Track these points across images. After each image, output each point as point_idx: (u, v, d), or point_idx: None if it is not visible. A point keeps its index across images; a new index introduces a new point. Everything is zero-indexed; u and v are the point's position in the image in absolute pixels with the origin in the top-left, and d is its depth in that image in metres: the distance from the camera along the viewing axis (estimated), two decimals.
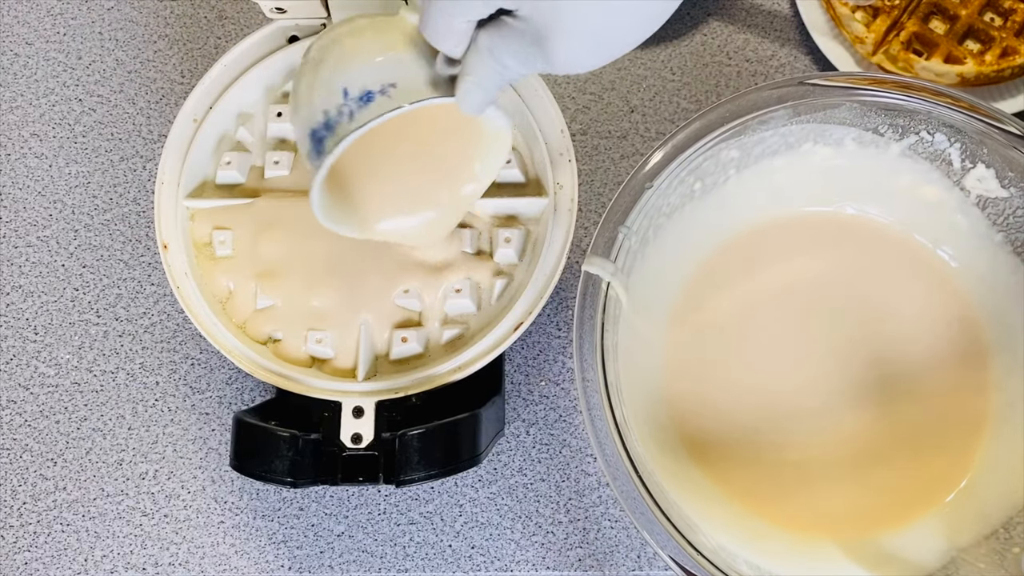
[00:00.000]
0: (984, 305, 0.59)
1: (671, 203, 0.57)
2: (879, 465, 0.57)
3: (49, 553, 0.63)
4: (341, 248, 0.58)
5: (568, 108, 0.69)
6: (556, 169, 0.58)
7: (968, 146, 0.56)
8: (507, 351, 0.57)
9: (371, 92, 0.46)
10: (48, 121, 0.71)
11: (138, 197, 0.69)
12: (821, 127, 0.57)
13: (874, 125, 0.57)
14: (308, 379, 0.56)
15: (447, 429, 0.54)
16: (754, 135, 0.56)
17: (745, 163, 0.58)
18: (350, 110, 0.46)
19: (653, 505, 0.50)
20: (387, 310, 0.57)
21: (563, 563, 0.62)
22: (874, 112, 0.56)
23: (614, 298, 0.54)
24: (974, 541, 0.54)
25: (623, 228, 0.54)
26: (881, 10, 0.66)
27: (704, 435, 0.58)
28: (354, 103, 0.46)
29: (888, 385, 0.58)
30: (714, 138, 0.55)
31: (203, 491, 0.64)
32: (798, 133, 0.57)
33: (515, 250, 0.57)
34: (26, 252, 0.68)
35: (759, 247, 0.61)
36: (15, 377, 0.66)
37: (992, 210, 0.57)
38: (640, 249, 0.56)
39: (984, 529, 0.54)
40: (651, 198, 0.54)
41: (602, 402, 0.51)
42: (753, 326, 0.60)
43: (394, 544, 0.62)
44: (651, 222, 0.56)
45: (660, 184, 0.54)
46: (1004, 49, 0.65)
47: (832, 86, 0.55)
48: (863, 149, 0.58)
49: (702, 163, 0.56)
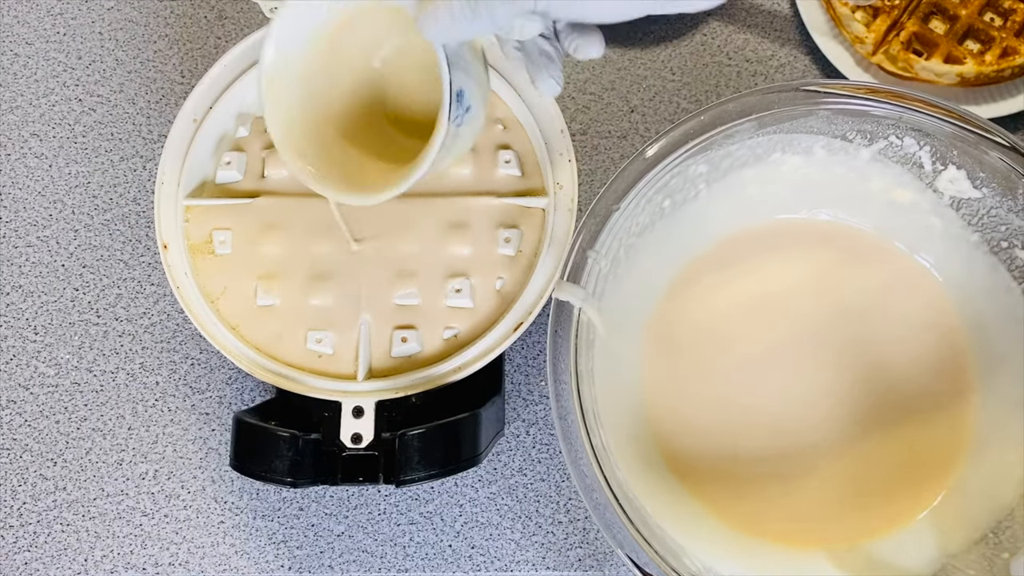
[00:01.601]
0: (962, 308, 0.59)
1: (640, 222, 0.56)
2: (864, 473, 0.57)
3: (49, 553, 0.63)
4: (341, 248, 0.58)
5: (568, 108, 0.69)
6: (556, 169, 0.58)
7: (938, 148, 0.56)
8: (507, 351, 0.57)
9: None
10: (48, 121, 0.71)
11: (138, 197, 0.69)
12: (789, 137, 0.57)
13: (842, 132, 0.56)
14: (308, 379, 0.56)
15: (447, 429, 0.54)
16: (720, 149, 0.56)
17: (714, 177, 0.58)
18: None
19: (635, 532, 0.50)
20: (387, 310, 0.57)
21: (563, 563, 0.62)
22: (841, 119, 0.55)
23: (587, 323, 0.53)
24: (964, 547, 0.54)
25: (592, 252, 0.53)
26: (881, 10, 0.66)
27: (687, 452, 0.58)
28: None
29: (870, 392, 0.58)
30: (680, 155, 0.54)
31: (203, 491, 0.64)
32: (766, 144, 0.57)
33: (515, 250, 0.57)
34: (26, 252, 0.68)
35: (733, 259, 0.60)
36: (15, 377, 0.66)
37: (966, 211, 0.57)
38: (612, 271, 0.55)
39: (973, 534, 0.54)
40: (619, 220, 0.54)
41: (579, 429, 0.51)
42: (730, 339, 0.59)
43: (394, 544, 0.62)
44: (621, 243, 0.55)
45: (627, 205, 0.54)
46: (1004, 49, 0.65)
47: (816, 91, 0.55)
48: (833, 156, 0.58)
49: (669, 181, 0.55)
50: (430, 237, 0.58)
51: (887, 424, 0.57)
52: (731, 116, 0.54)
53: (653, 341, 0.59)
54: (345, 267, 0.58)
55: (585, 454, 0.50)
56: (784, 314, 0.60)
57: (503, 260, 0.58)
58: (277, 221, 0.58)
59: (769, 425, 0.58)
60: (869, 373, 0.58)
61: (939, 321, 0.59)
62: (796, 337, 0.59)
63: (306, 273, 0.58)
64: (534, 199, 0.58)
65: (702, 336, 0.59)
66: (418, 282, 0.57)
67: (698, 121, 0.54)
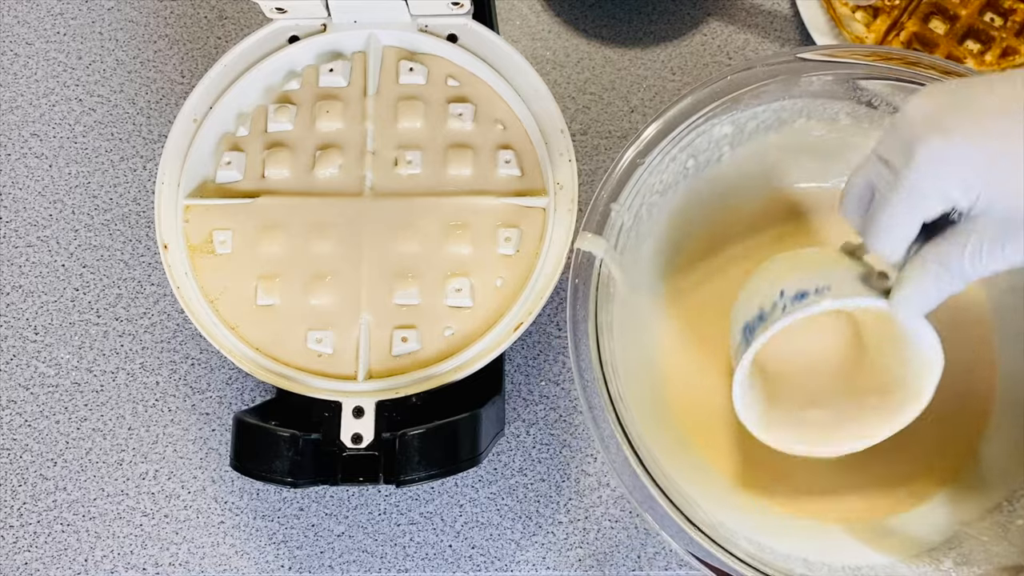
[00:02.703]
0: (987, 279, 0.58)
1: (664, 180, 0.56)
2: (882, 446, 0.56)
3: (49, 553, 0.63)
4: (341, 248, 0.58)
5: (568, 108, 0.69)
6: (556, 169, 0.58)
7: None
8: (507, 351, 0.57)
9: (806, 292, 0.48)
10: (48, 121, 0.71)
11: (138, 197, 0.69)
12: (814, 102, 0.56)
13: (867, 98, 0.56)
14: (308, 379, 0.56)
15: (447, 429, 0.54)
16: (747, 110, 0.55)
17: (739, 139, 0.57)
18: (783, 305, 0.49)
19: (649, 481, 0.49)
20: (387, 310, 0.57)
21: (563, 563, 0.62)
22: (866, 84, 0.55)
23: (607, 276, 0.53)
24: (978, 515, 0.54)
25: (615, 205, 0.53)
26: (881, 10, 0.66)
27: (703, 413, 0.58)
28: (788, 300, 0.49)
29: None
30: (706, 113, 0.54)
31: (203, 491, 0.64)
32: (791, 108, 0.57)
33: (515, 250, 0.57)
34: (26, 252, 0.68)
35: (754, 225, 0.60)
36: (15, 377, 0.66)
37: None
38: (634, 227, 0.55)
39: (987, 503, 0.54)
40: (643, 175, 0.54)
41: (596, 377, 0.51)
42: None
43: (394, 544, 0.62)
44: (644, 200, 0.55)
45: (652, 161, 0.53)
46: (1004, 49, 0.65)
47: (826, 61, 0.54)
48: (857, 124, 0.58)
49: (694, 140, 0.55)
50: (430, 237, 0.58)
51: None
52: (758, 78, 0.54)
53: (673, 301, 0.59)
54: (345, 267, 0.58)
55: (603, 404, 0.50)
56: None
57: (503, 260, 0.58)
58: (277, 221, 0.58)
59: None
60: None
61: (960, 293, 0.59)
62: None
63: (306, 273, 0.58)
64: (534, 199, 0.58)
65: (718, 302, 0.59)
66: (418, 282, 0.57)
67: (726, 80, 0.54)
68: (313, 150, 0.59)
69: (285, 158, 0.59)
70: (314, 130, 0.60)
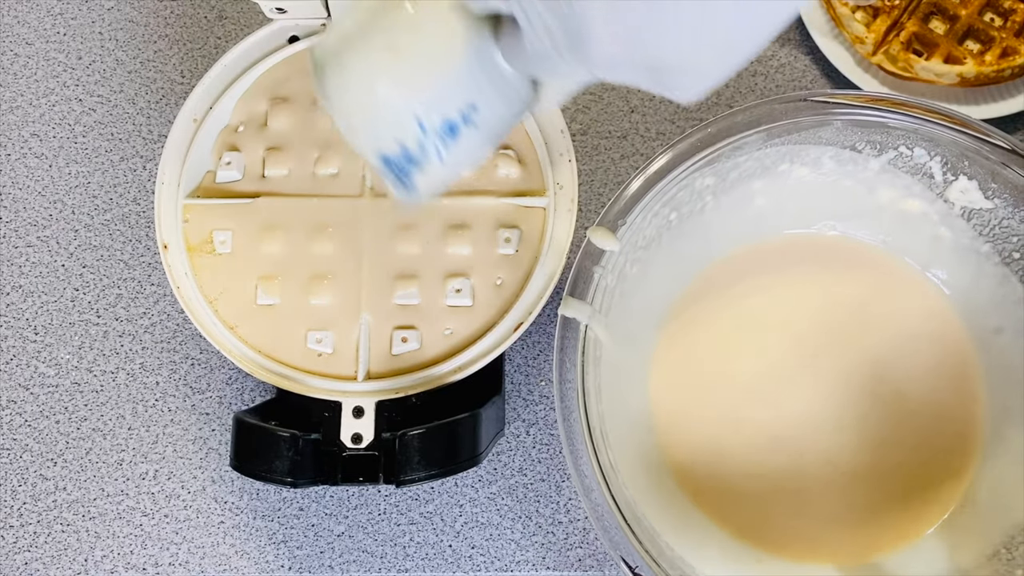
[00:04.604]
0: (970, 320, 0.58)
1: (647, 235, 0.56)
2: (874, 488, 0.57)
3: (49, 553, 0.63)
4: (341, 248, 0.58)
5: (568, 108, 0.69)
6: (556, 169, 0.58)
7: (949, 159, 0.55)
8: (507, 351, 0.57)
9: (453, 123, 0.40)
10: (48, 121, 0.71)
11: (138, 197, 0.69)
12: (797, 148, 0.56)
13: (851, 142, 0.56)
14: (308, 379, 0.56)
15: (447, 429, 0.54)
16: (728, 161, 0.55)
17: (722, 189, 0.57)
18: (436, 148, 0.41)
19: (643, 552, 0.49)
20: (387, 310, 0.57)
21: (563, 563, 0.62)
22: (851, 129, 0.55)
23: (593, 339, 0.53)
24: (977, 562, 0.54)
25: (598, 268, 0.53)
26: (881, 10, 0.66)
27: (695, 467, 0.57)
28: (438, 139, 0.40)
29: (880, 407, 0.58)
30: (687, 168, 0.53)
31: (203, 491, 0.64)
32: (773, 155, 0.56)
33: (515, 250, 0.57)
34: (26, 252, 0.68)
35: (741, 274, 0.60)
36: (15, 377, 0.66)
37: (977, 221, 0.57)
38: (618, 285, 0.55)
39: (985, 548, 0.54)
40: (625, 234, 0.53)
41: (586, 448, 0.50)
42: (737, 355, 0.59)
43: (394, 544, 0.62)
44: (627, 257, 0.55)
45: (633, 219, 0.53)
46: (1004, 49, 0.65)
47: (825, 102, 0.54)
48: (842, 167, 0.57)
49: (676, 194, 0.55)
50: (430, 237, 0.58)
51: (895, 438, 0.57)
52: (740, 128, 0.54)
53: (661, 357, 0.59)
54: (345, 267, 0.58)
55: (593, 474, 0.50)
56: (794, 331, 0.59)
57: (503, 260, 0.58)
58: (277, 221, 0.58)
59: (778, 441, 0.57)
60: (876, 388, 0.58)
61: (946, 334, 0.58)
62: (803, 353, 0.59)
63: (306, 273, 0.58)
64: (534, 199, 0.58)
65: (709, 352, 0.59)
66: (418, 282, 0.57)
67: (706, 133, 0.53)
68: (313, 150, 0.59)
69: (285, 158, 0.59)
70: (314, 130, 0.60)
